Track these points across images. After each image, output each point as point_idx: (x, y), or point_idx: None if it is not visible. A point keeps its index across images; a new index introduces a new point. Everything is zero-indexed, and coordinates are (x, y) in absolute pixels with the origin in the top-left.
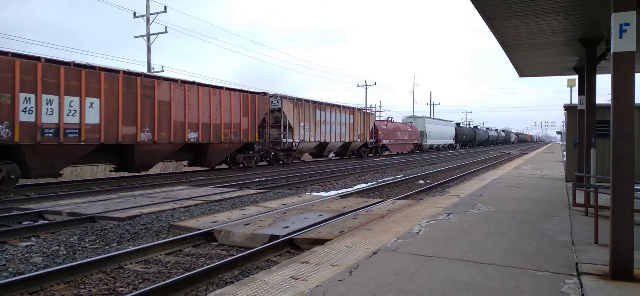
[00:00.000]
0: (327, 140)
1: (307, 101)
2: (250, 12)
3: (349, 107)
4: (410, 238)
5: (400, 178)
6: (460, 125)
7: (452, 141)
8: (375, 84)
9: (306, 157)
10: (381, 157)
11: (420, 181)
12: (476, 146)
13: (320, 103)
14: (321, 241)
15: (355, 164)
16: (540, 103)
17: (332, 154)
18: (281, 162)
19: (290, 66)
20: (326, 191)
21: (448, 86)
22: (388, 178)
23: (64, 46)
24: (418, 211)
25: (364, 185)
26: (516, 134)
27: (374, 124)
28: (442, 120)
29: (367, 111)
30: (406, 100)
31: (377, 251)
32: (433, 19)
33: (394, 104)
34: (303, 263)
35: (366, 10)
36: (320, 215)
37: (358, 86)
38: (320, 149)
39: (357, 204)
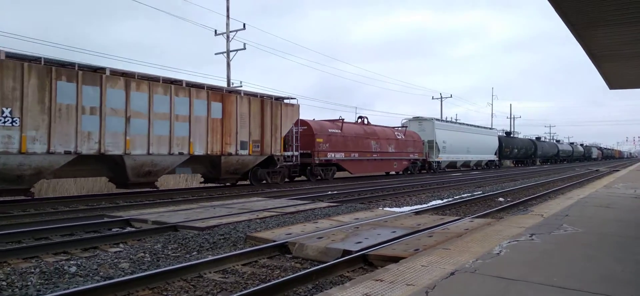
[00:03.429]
0: (129, 150)
1: (10, 55)
2: (326, 26)
3: (214, 88)
4: (490, 259)
5: (479, 194)
6: (511, 135)
7: (493, 157)
8: (451, 96)
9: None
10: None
11: (500, 199)
12: (539, 163)
13: (89, 70)
14: (395, 259)
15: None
16: (633, 117)
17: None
18: None
19: (363, 80)
20: (399, 207)
21: (530, 99)
22: (465, 194)
23: (152, 63)
24: (498, 231)
25: (439, 202)
26: (599, 149)
27: (307, 124)
28: (474, 126)
29: (286, 101)
30: (485, 113)
31: (454, 271)
32: (515, 28)
33: (472, 117)
34: (377, 280)
35: (447, 20)
36: (394, 231)
37: (433, 98)
38: (111, 168)
39: (432, 222)
